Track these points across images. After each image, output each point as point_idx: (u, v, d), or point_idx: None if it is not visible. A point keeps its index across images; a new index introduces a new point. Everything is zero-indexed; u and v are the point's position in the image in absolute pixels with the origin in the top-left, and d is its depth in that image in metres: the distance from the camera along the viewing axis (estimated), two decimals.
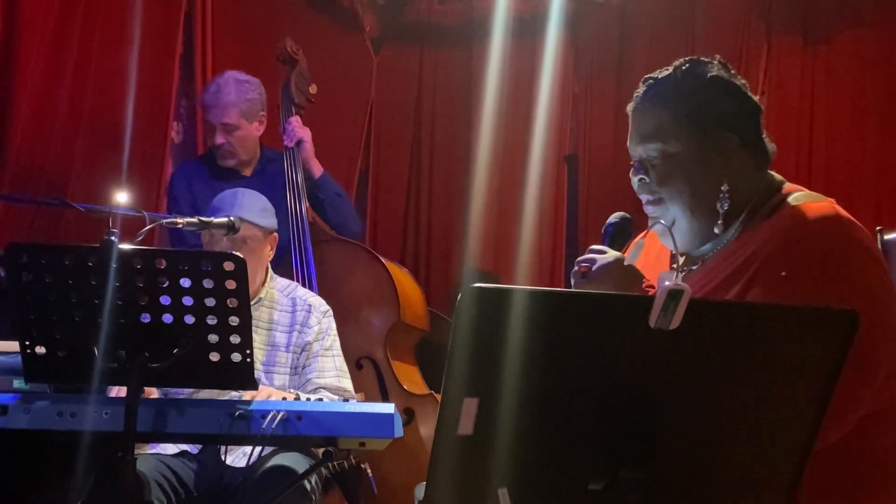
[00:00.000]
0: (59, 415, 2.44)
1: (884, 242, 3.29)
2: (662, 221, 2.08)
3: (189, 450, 3.05)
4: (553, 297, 1.45)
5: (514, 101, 5.26)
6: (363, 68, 5.36)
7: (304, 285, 3.96)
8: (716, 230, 2.03)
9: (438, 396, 3.96)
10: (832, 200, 2.04)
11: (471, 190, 5.13)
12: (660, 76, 2.11)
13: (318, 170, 4.30)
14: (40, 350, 2.40)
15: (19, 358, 2.44)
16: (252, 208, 3.26)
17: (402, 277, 4.24)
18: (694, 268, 2.10)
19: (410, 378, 4.12)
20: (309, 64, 4.38)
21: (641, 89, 2.12)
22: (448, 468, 1.45)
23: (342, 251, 4.20)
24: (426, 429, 3.93)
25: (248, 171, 4.21)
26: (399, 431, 2.50)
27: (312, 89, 4.35)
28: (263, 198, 3.37)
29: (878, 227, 3.39)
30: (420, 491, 2.66)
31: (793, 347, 1.44)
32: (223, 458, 2.94)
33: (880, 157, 5.03)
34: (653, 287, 2.07)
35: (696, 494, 1.51)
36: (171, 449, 3.04)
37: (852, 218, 1.99)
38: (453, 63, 5.54)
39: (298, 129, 4.23)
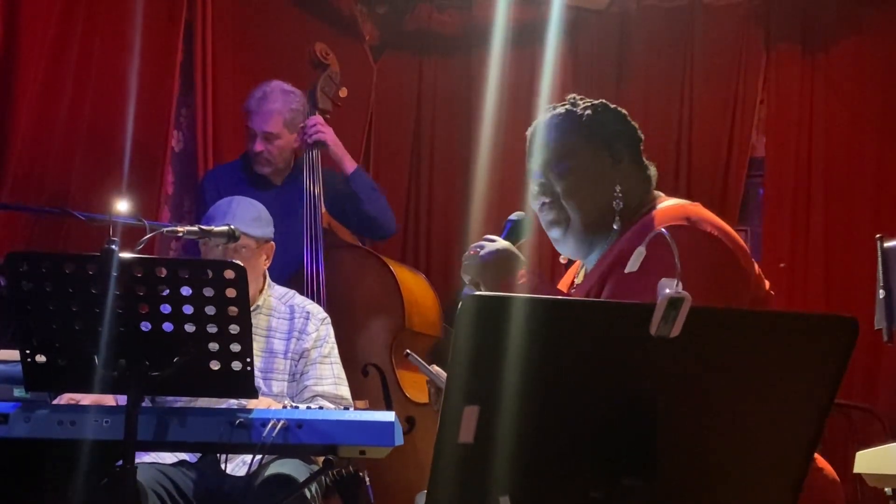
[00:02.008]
0: (59, 424, 2.43)
1: (883, 249, 3.30)
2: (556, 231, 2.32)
3: (188, 459, 3.05)
4: (553, 305, 1.45)
5: (513, 109, 5.26)
6: (363, 76, 5.36)
7: (314, 290, 3.98)
8: (615, 226, 2.24)
9: None
10: (698, 204, 2.24)
11: (470, 198, 5.13)
12: (556, 107, 2.38)
13: (350, 165, 4.32)
14: (40, 359, 2.40)
15: (19, 367, 2.44)
16: (244, 218, 3.24)
17: (413, 283, 4.24)
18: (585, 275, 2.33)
19: (419, 385, 4.12)
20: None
21: (539, 117, 2.39)
22: (449, 477, 1.45)
23: (353, 257, 4.21)
24: (427, 437, 3.92)
25: (279, 181, 4.24)
26: (399, 440, 2.49)
27: (342, 93, 4.39)
28: (258, 206, 3.35)
29: (877, 235, 3.39)
30: (421, 499, 2.66)
31: (793, 354, 1.44)
32: (223, 466, 2.93)
33: (880, 165, 5.02)
34: (532, 275, 2.28)
35: (698, 502, 1.51)
36: (169, 458, 3.03)
37: (711, 216, 2.17)
38: (453, 71, 5.56)
39: (320, 126, 4.23)
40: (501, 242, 2.33)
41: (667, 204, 2.27)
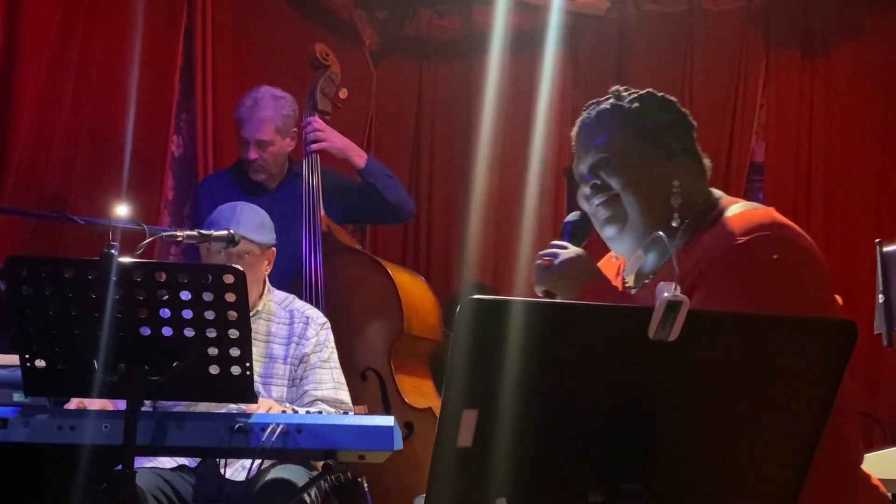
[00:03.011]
0: (58, 428, 2.44)
1: (883, 254, 3.30)
2: (611, 229, 2.17)
3: (187, 463, 3.05)
4: (552, 309, 1.45)
5: (513, 114, 5.27)
6: (363, 82, 5.37)
7: (313, 295, 3.97)
8: (673, 223, 2.11)
9: (437, 411, 3.96)
10: (771, 208, 2.10)
11: (470, 203, 5.14)
12: (600, 101, 2.24)
13: (360, 159, 4.31)
14: (40, 363, 2.40)
15: (19, 371, 2.44)
16: (249, 224, 3.24)
17: (412, 287, 4.23)
18: (646, 282, 2.18)
19: (418, 390, 4.12)
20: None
21: (583, 114, 2.25)
22: (447, 480, 1.44)
23: (352, 261, 4.20)
24: (426, 442, 3.92)
25: (273, 185, 4.23)
26: (399, 444, 2.50)
27: (342, 94, 4.37)
28: (261, 212, 3.36)
29: (877, 239, 3.39)
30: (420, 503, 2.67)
31: (792, 358, 1.44)
32: (222, 471, 2.93)
33: (879, 170, 5.03)
34: (607, 281, 2.18)
35: None
36: (168, 463, 3.03)
37: (792, 224, 2.05)
38: (453, 77, 5.56)
39: (317, 127, 4.23)
40: (573, 249, 2.20)
41: (743, 207, 2.10)
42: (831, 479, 1.90)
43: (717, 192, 2.19)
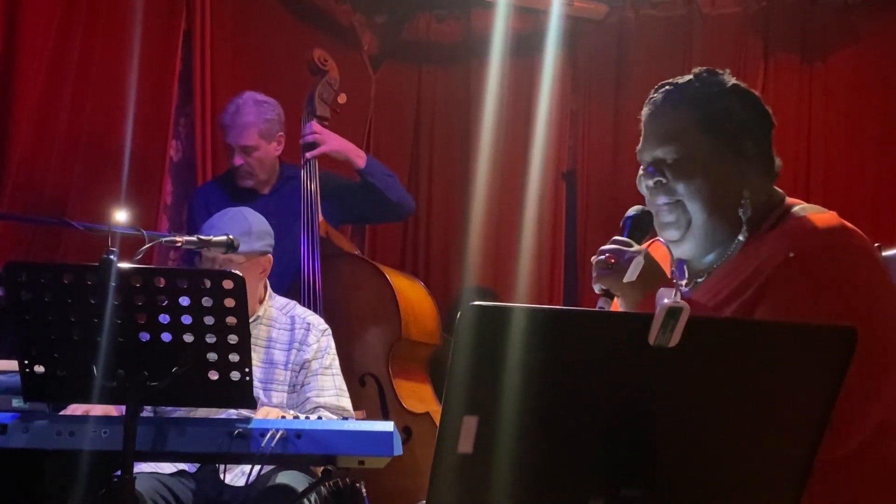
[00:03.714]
0: (57, 434, 2.43)
1: (882, 259, 3.30)
2: (674, 232, 2.06)
3: (187, 469, 3.04)
4: (552, 315, 1.45)
5: (512, 118, 5.28)
6: (362, 86, 5.37)
7: (311, 300, 3.97)
8: (740, 237, 2.01)
9: (435, 416, 3.96)
10: (834, 213, 2.03)
11: (470, 207, 5.14)
12: (679, 82, 2.11)
13: (360, 160, 4.31)
14: (39, 369, 2.40)
15: (18, 377, 2.44)
16: (245, 230, 3.23)
17: (410, 292, 4.23)
18: (700, 280, 2.09)
19: (416, 395, 4.12)
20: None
21: (659, 95, 2.11)
22: (448, 487, 1.44)
23: (350, 266, 4.20)
24: (424, 447, 3.92)
25: (266, 190, 4.23)
26: (398, 449, 2.49)
27: (341, 99, 4.37)
28: (253, 220, 3.34)
29: (875, 244, 3.39)
30: None
31: (792, 364, 1.44)
32: (222, 476, 2.93)
33: (878, 174, 5.03)
34: (678, 286, 2.06)
35: None
36: (168, 468, 3.02)
37: (856, 229, 1.98)
38: (452, 81, 5.57)
39: (315, 131, 4.23)
40: (637, 247, 2.03)
41: (806, 210, 2.02)
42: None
43: (783, 195, 2.11)
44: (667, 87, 2.11)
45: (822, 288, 1.88)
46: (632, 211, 2.15)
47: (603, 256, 2.02)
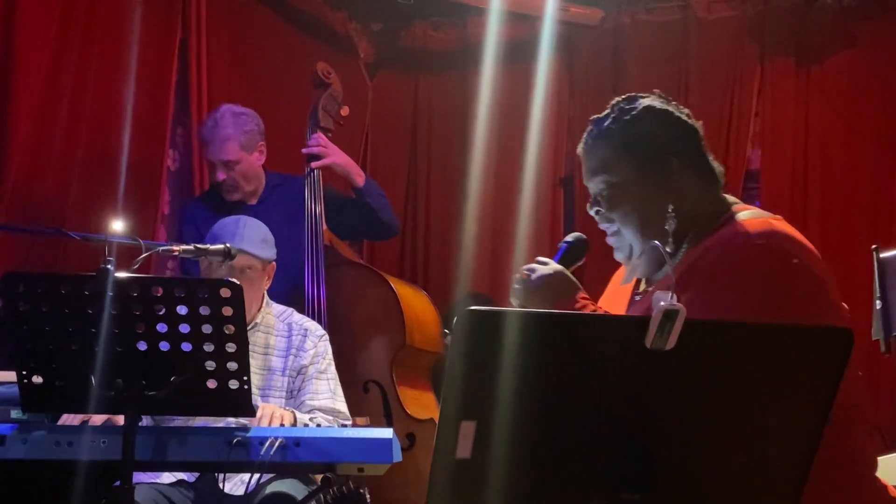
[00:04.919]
0: (56, 444, 2.43)
1: (880, 261, 3.30)
2: (619, 255, 2.19)
3: (186, 478, 3.04)
4: (548, 319, 1.45)
5: (509, 125, 5.28)
6: (358, 94, 5.37)
7: (315, 309, 3.98)
8: (667, 248, 2.08)
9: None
10: (779, 217, 2.08)
11: (467, 214, 5.14)
12: (600, 116, 2.21)
13: (360, 178, 4.33)
14: (37, 380, 2.40)
15: (17, 388, 2.44)
16: (252, 239, 3.25)
17: (413, 300, 4.24)
18: (650, 289, 2.18)
19: (420, 402, 4.12)
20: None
21: (585, 134, 2.23)
22: (447, 492, 1.44)
23: (354, 275, 4.21)
24: (428, 454, 3.91)
25: (254, 200, 4.22)
26: (398, 456, 2.49)
27: (344, 111, 4.39)
28: (264, 228, 3.36)
29: (873, 246, 3.40)
30: None
31: (790, 366, 1.44)
32: (221, 486, 2.92)
33: (875, 176, 5.03)
34: (588, 300, 2.18)
35: None
36: (167, 478, 3.02)
37: (796, 234, 2.03)
38: (448, 88, 5.57)
39: (322, 144, 4.25)
40: (553, 266, 2.23)
41: (748, 215, 2.09)
42: (840, 493, 1.88)
43: (730, 199, 2.17)
44: (591, 124, 2.22)
45: (723, 287, 1.94)
46: (570, 237, 2.37)
47: (519, 274, 2.24)
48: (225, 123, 4.07)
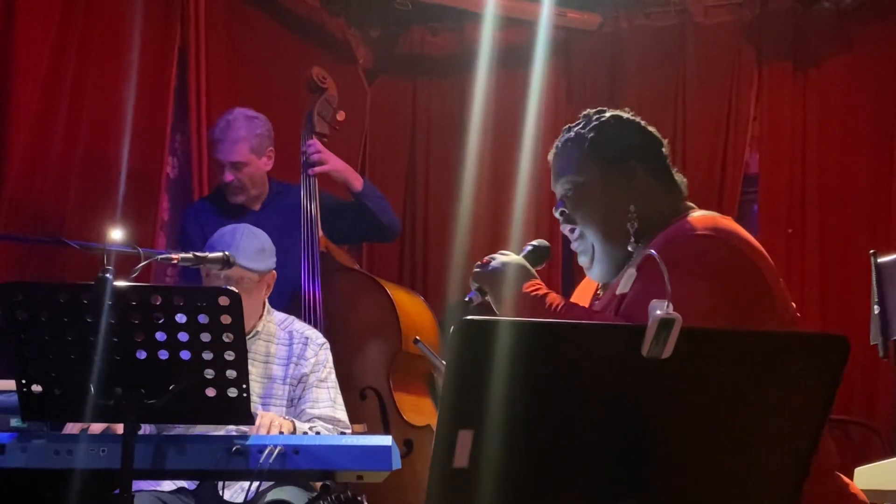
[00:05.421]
0: (55, 453, 2.43)
1: (877, 265, 3.31)
2: (582, 259, 2.29)
3: (186, 486, 3.04)
4: (545, 328, 1.45)
5: (507, 129, 5.28)
6: (357, 100, 5.38)
7: (312, 314, 3.98)
8: (629, 248, 2.18)
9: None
10: (725, 218, 2.16)
11: (466, 218, 5.14)
12: (571, 124, 2.34)
13: (358, 182, 4.34)
14: (36, 388, 2.40)
15: (16, 397, 2.44)
16: (246, 251, 3.20)
17: (410, 306, 4.24)
18: (601, 293, 2.30)
19: (417, 408, 4.12)
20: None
21: (557, 139, 2.35)
22: (444, 501, 1.44)
23: (350, 281, 4.21)
24: (426, 460, 3.90)
25: (257, 206, 4.23)
26: (397, 464, 2.49)
27: (339, 116, 4.39)
28: (262, 238, 3.33)
29: (871, 251, 3.40)
30: None
31: (786, 373, 1.45)
32: (221, 493, 2.93)
33: (873, 180, 5.04)
34: (539, 287, 2.24)
35: None
36: (167, 485, 3.02)
37: (740, 231, 2.10)
38: (447, 94, 5.58)
39: (318, 150, 4.25)
40: (513, 257, 2.33)
41: (698, 214, 2.18)
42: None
43: (688, 205, 2.25)
44: (562, 132, 2.34)
45: (672, 270, 1.94)
46: (534, 242, 2.45)
47: (481, 261, 2.35)
48: (237, 125, 4.10)
